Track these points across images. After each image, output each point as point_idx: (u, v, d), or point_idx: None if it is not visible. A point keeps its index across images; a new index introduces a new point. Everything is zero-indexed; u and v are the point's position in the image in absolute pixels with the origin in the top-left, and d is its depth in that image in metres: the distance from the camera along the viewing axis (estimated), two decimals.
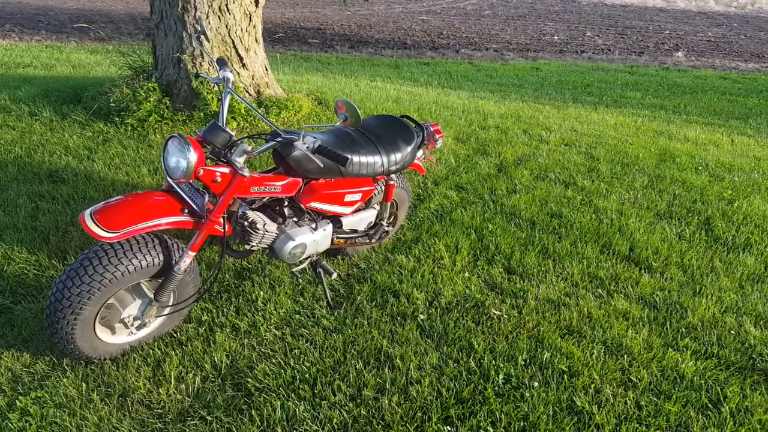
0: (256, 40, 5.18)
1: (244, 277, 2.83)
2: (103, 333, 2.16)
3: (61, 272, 2.02)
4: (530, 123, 5.96)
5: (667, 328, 2.69)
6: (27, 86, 5.41)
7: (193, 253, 2.14)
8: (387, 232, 3.10)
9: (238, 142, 2.16)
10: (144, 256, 2.05)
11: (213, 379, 2.19)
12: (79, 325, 2.01)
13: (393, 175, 2.85)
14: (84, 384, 2.09)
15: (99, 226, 1.91)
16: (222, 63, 2.42)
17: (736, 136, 6.41)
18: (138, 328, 2.24)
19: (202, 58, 4.75)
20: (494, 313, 2.69)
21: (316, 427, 1.98)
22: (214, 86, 4.75)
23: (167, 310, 2.28)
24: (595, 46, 13.89)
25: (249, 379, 2.18)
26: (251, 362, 2.28)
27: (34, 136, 4.29)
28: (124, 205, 2.01)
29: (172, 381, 2.14)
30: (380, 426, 2.01)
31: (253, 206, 2.47)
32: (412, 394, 2.16)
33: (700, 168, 4.98)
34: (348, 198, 2.67)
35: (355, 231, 2.90)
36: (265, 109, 4.96)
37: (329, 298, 2.68)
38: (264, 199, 2.48)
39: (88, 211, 1.98)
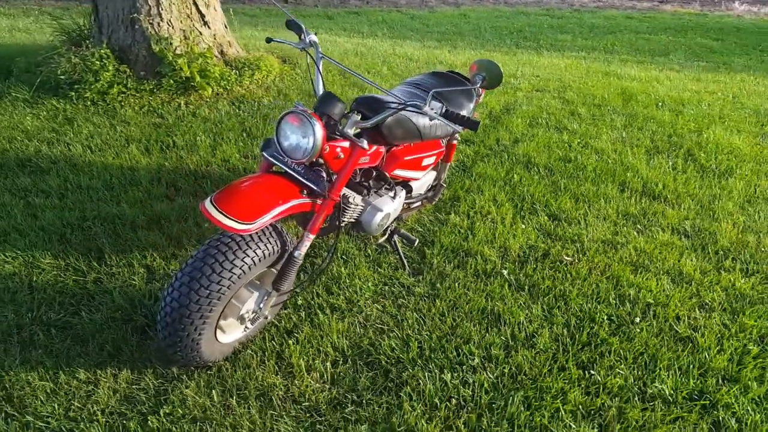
0: None
1: (314, 255, 2.72)
2: (218, 332, 2.00)
3: (177, 272, 1.81)
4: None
5: (708, 253, 3.00)
6: None
7: (313, 236, 2.02)
8: (440, 193, 3.10)
9: (347, 113, 2.03)
10: (265, 244, 1.90)
11: (342, 362, 2.12)
12: (206, 329, 1.84)
13: (457, 135, 2.83)
14: (213, 390, 1.94)
15: (230, 218, 1.74)
16: (297, 26, 2.22)
17: (667, 72, 7.04)
18: (252, 322, 2.09)
19: (161, 18, 4.27)
20: (566, 260, 2.84)
21: (470, 392, 2.01)
22: (175, 48, 4.32)
23: (282, 298, 2.15)
24: None
25: (381, 357, 2.14)
26: (371, 339, 2.23)
27: None
28: (248, 191, 1.83)
29: (304, 371, 2.05)
30: (529, 381, 2.08)
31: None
32: (539, 346, 2.25)
33: (659, 104, 5.44)
34: (425, 162, 2.62)
35: (419, 194, 2.87)
36: (237, 71, 4.61)
37: (408, 265, 2.66)
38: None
39: (207, 203, 1.79)
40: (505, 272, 2.70)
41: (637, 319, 2.44)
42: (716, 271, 2.84)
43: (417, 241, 2.61)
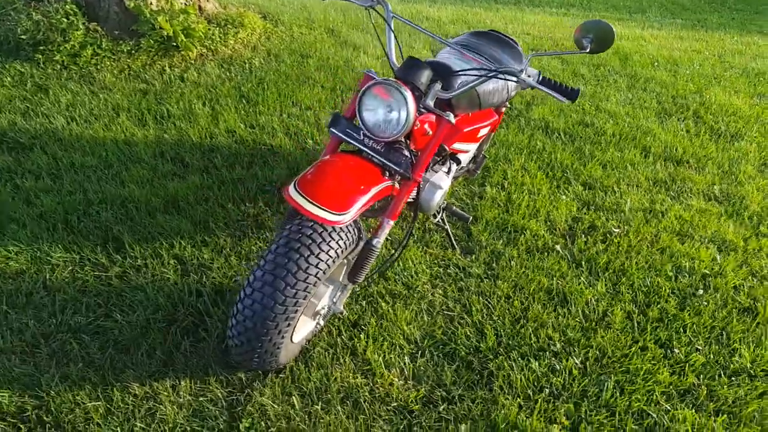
0: None
1: None
2: None
3: (254, 269, 1.61)
4: (482, 27, 5.92)
5: (743, 218, 3.04)
6: None
7: (393, 222, 1.85)
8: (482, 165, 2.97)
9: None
10: (346, 234, 1.72)
11: (420, 355, 2.00)
12: (289, 331, 1.67)
13: (507, 102, 2.68)
14: (292, 397, 1.78)
15: (321, 207, 1.55)
16: None
17: (649, 30, 7.09)
18: (324, 317, 1.93)
19: None
20: (615, 232, 2.80)
21: (561, 380, 1.95)
22: (150, 3, 3.91)
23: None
24: None
25: (459, 347, 2.03)
26: (442, 328, 2.12)
27: None
28: (333, 176, 1.64)
29: (383, 368, 1.92)
30: (616, 364, 2.03)
31: None
32: (615, 326, 2.20)
33: (655, 64, 5.46)
34: (481, 133, 2.48)
35: (463, 167, 2.73)
36: (220, 29, 4.24)
37: (456, 245, 2.55)
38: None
39: (292, 190, 1.58)
40: (558, 248, 2.63)
41: (700, 291, 2.43)
42: (756, 237, 2.87)
43: (471, 218, 2.49)
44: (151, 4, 3.90)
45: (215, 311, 2.05)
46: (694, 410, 1.89)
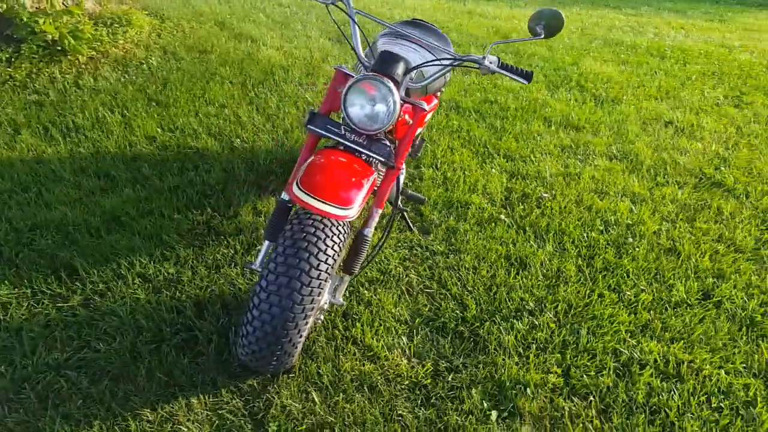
0: None
1: None
2: None
3: (264, 275, 1.62)
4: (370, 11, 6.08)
5: (642, 172, 3.53)
6: None
7: (381, 210, 1.94)
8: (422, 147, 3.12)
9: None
10: (343, 226, 1.79)
11: (414, 333, 2.12)
12: (307, 331, 1.71)
13: (443, 88, 2.85)
14: (311, 393, 1.82)
15: (330, 204, 1.61)
16: None
17: (517, 9, 7.72)
18: (323, 312, 1.98)
19: None
20: (545, 197, 3.11)
21: (544, 335, 2.18)
22: (24, 3, 3.55)
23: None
24: None
25: (447, 321, 2.19)
26: (427, 305, 2.26)
27: None
28: (331, 173, 1.70)
29: (386, 351, 2.02)
30: (583, 312, 2.32)
31: None
32: (572, 280, 2.49)
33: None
34: (426, 118, 2.62)
35: None
36: (108, 29, 3.96)
37: (413, 225, 2.70)
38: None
39: (296, 190, 1.62)
40: (503, 217, 2.88)
41: (630, 240, 2.82)
42: (657, 187, 3.36)
43: (426, 199, 2.64)
44: (23, 4, 3.53)
45: (202, 324, 2.01)
46: (655, 341, 2.22)
